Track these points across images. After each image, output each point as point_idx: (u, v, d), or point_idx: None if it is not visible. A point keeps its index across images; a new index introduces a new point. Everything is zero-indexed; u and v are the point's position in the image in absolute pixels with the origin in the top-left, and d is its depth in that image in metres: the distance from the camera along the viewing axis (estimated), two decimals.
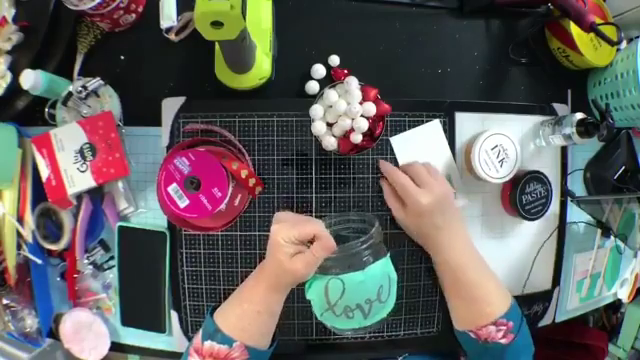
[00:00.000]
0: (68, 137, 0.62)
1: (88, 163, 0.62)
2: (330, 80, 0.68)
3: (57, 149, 0.62)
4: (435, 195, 0.58)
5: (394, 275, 0.58)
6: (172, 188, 0.58)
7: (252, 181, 0.62)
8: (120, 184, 0.66)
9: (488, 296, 0.58)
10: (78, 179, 0.62)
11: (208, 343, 0.52)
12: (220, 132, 0.65)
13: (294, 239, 0.50)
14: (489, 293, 0.59)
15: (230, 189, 0.59)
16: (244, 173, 0.60)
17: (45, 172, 0.62)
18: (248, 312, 0.53)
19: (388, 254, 0.58)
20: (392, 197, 0.63)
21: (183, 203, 0.58)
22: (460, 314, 0.61)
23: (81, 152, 0.62)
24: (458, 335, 0.63)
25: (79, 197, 0.66)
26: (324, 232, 0.52)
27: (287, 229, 0.51)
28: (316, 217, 0.67)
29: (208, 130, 0.66)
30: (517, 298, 0.71)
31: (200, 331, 0.54)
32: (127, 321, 0.69)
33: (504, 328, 0.56)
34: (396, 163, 0.68)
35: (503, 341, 0.56)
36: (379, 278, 0.55)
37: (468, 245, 0.61)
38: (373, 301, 0.54)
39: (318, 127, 0.60)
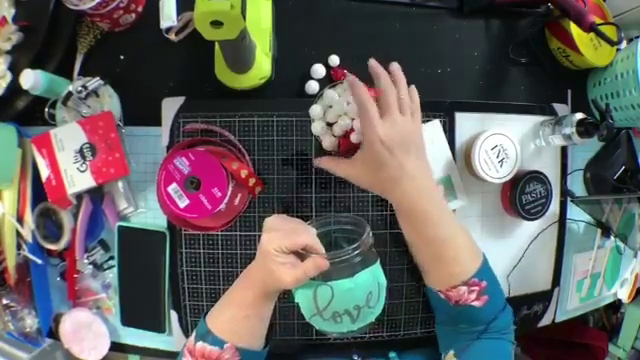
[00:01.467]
0: (68, 137, 0.62)
1: (88, 163, 0.62)
2: (330, 80, 0.68)
3: (57, 149, 0.62)
4: (398, 129, 0.50)
5: (383, 280, 0.56)
6: (172, 188, 0.58)
7: (252, 181, 0.62)
8: (120, 184, 0.66)
9: (457, 254, 0.53)
10: (78, 179, 0.62)
11: (200, 344, 0.52)
12: (220, 132, 0.65)
13: (286, 249, 0.49)
14: (458, 250, 0.53)
15: (230, 189, 0.59)
16: (244, 173, 0.60)
17: (45, 172, 0.62)
18: (237, 316, 0.52)
19: (378, 260, 0.56)
20: (328, 161, 0.58)
21: (183, 203, 0.58)
22: (428, 272, 0.57)
23: (81, 152, 0.62)
24: (428, 293, 0.59)
25: (79, 197, 0.66)
26: (317, 245, 0.50)
27: (279, 239, 0.49)
28: (316, 217, 0.67)
29: (208, 130, 0.66)
30: (515, 298, 0.72)
31: (194, 332, 0.54)
32: (127, 321, 0.69)
33: (477, 289, 0.52)
34: None
35: (476, 303, 0.52)
36: (369, 285, 0.53)
37: (435, 193, 0.54)
38: (362, 307, 0.53)
39: (318, 127, 0.60)
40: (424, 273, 0.59)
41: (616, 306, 0.94)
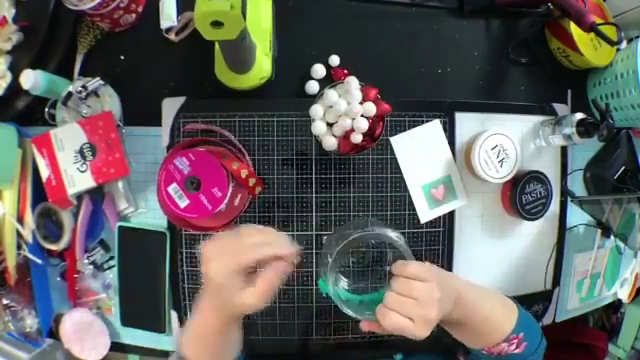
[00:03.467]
0: (68, 137, 0.62)
1: (88, 163, 0.62)
2: (330, 80, 0.68)
3: (57, 149, 0.62)
4: (438, 275, 0.49)
5: None
6: (172, 188, 0.58)
7: (252, 181, 0.62)
8: (120, 184, 0.66)
9: (496, 323, 0.55)
10: (78, 179, 0.62)
11: None
12: (220, 132, 0.65)
13: (235, 274, 0.43)
14: (497, 319, 0.55)
15: (230, 189, 0.59)
16: (244, 173, 0.60)
17: (45, 172, 0.62)
18: (206, 345, 0.49)
19: None
20: (397, 319, 0.48)
21: (183, 203, 0.58)
22: (470, 342, 0.58)
23: (81, 152, 0.62)
24: (470, 349, 0.60)
25: (79, 197, 0.66)
26: (270, 253, 0.44)
27: (225, 265, 0.43)
28: (316, 217, 0.67)
29: (208, 130, 0.66)
30: (515, 298, 0.72)
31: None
32: (127, 321, 0.69)
33: (516, 341, 0.55)
34: (396, 163, 0.68)
35: (517, 351, 0.55)
36: None
37: (469, 286, 0.54)
38: None
39: (318, 127, 0.60)
40: (464, 342, 0.58)
41: (616, 306, 0.93)
